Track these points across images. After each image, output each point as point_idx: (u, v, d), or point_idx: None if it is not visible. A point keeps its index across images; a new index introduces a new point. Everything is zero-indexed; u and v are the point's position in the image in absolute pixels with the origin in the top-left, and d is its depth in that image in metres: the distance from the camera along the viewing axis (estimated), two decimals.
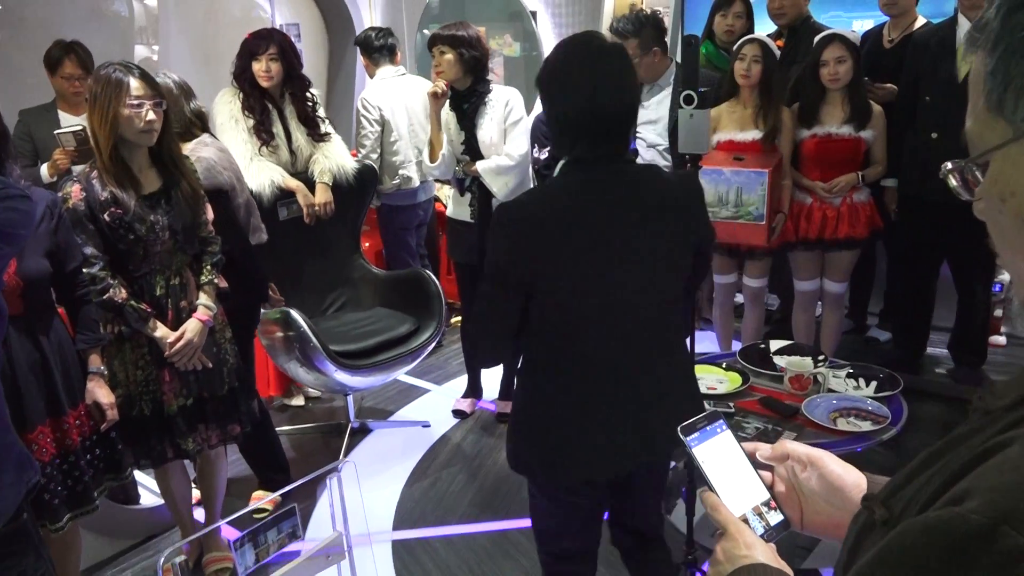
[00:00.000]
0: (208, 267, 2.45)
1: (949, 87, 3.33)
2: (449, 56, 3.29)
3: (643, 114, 3.64)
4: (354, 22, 6.27)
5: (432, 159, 3.39)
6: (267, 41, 3.32)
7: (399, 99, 4.02)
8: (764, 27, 3.97)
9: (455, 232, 3.56)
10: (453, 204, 3.57)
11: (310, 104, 3.47)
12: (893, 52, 3.63)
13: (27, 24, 4.77)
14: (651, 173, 1.83)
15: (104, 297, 2.23)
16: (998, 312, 3.96)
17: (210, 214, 2.47)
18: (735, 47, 3.42)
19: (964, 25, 3.31)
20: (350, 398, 3.62)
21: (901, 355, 3.85)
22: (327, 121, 3.57)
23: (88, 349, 2.17)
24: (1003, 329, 4.06)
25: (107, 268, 2.27)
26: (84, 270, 2.19)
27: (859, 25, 4.09)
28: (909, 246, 3.69)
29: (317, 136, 3.48)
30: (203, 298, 2.42)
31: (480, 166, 3.35)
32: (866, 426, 2.60)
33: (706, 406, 2.20)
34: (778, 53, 3.42)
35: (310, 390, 3.92)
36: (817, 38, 3.37)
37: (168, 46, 5.62)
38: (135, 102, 2.21)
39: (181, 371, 2.38)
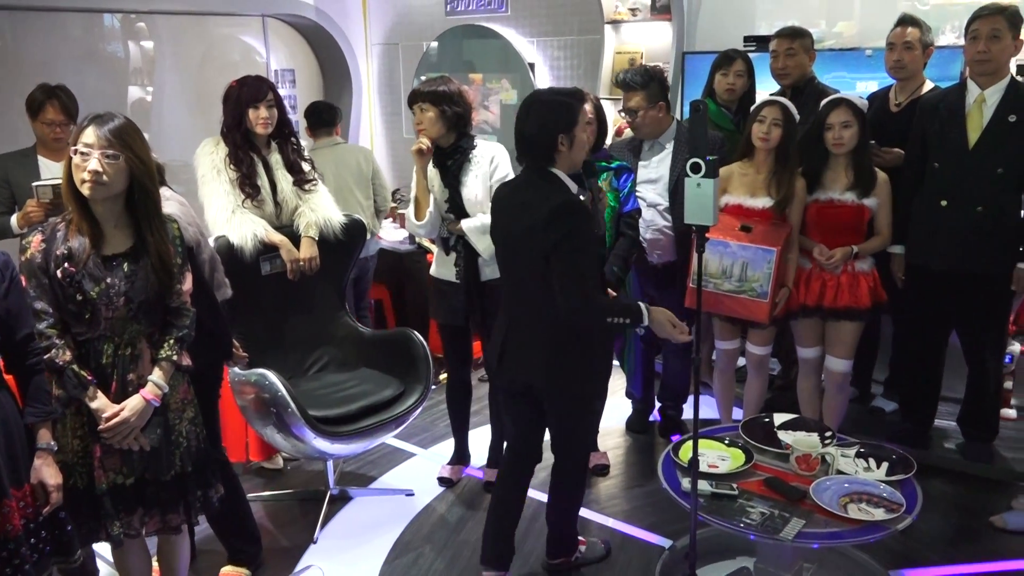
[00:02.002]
0: (171, 341, 2.24)
1: (959, 154, 3.24)
2: (431, 113, 3.17)
3: (643, 173, 3.53)
4: (350, 69, 6.21)
5: (418, 217, 3.25)
6: (264, 87, 3.21)
7: (329, 165, 4.26)
8: (767, 87, 3.89)
9: (439, 292, 3.41)
10: (437, 264, 3.42)
11: (295, 148, 3.35)
12: (900, 116, 3.53)
13: (22, 64, 4.68)
14: (547, 191, 2.48)
15: (46, 356, 2.05)
16: (1008, 384, 3.81)
17: (187, 284, 2.29)
18: (753, 108, 3.31)
19: (973, 91, 3.22)
20: (330, 463, 3.43)
21: (909, 428, 3.70)
22: (314, 169, 3.43)
23: (38, 423, 2.00)
24: (1013, 402, 3.90)
25: (56, 326, 2.11)
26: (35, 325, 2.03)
27: (863, 87, 4.00)
28: (917, 315, 3.55)
29: (303, 182, 3.34)
30: (156, 375, 2.21)
31: (465, 225, 3.22)
32: (879, 513, 2.44)
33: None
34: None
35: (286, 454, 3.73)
36: (824, 101, 3.27)
37: (163, 88, 5.54)
38: (84, 150, 2.06)
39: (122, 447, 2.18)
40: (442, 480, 3.61)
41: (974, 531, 3.19)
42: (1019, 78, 3.25)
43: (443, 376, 3.88)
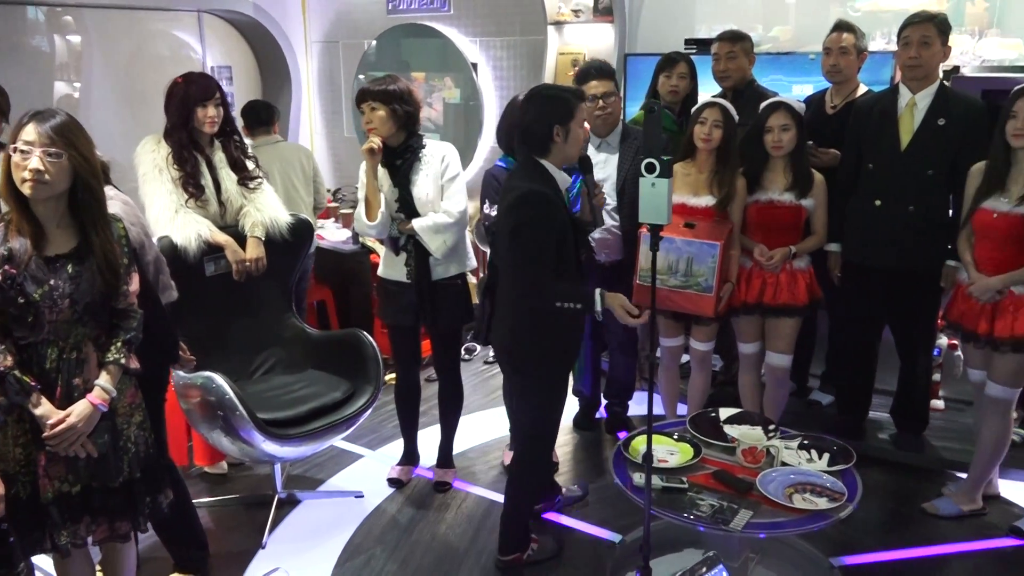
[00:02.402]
0: (119, 344, 2.17)
1: (892, 156, 3.37)
2: (381, 112, 3.16)
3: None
4: (290, 67, 6.12)
5: (370, 218, 3.22)
6: (213, 84, 3.15)
7: (274, 163, 4.27)
8: (708, 89, 3.98)
9: (388, 293, 3.39)
10: (385, 264, 3.40)
11: (238, 146, 3.29)
12: (836, 118, 3.66)
13: None
14: (528, 179, 2.66)
15: None
16: (936, 376, 3.98)
17: (134, 284, 2.23)
18: (694, 110, 3.38)
19: (905, 95, 3.35)
20: (277, 467, 3.38)
21: (844, 420, 3.83)
22: (258, 168, 3.38)
23: None
24: (941, 393, 4.07)
25: None
26: None
27: (799, 90, 4.13)
28: (852, 311, 3.68)
29: (248, 179, 3.28)
30: (103, 379, 2.14)
31: (417, 224, 3.21)
32: (823, 503, 2.53)
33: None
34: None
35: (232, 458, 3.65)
36: (763, 105, 3.36)
37: (91, 85, 5.36)
38: (24, 148, 2.00)
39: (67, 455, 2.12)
40: (392, 481, 3.59)
41: (908, 518, 3.33)
42: (947, 83, 3.40)
43: (390, 377, 3.86)
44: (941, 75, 3.39)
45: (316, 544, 3.17)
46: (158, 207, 3.10)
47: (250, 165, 3.34)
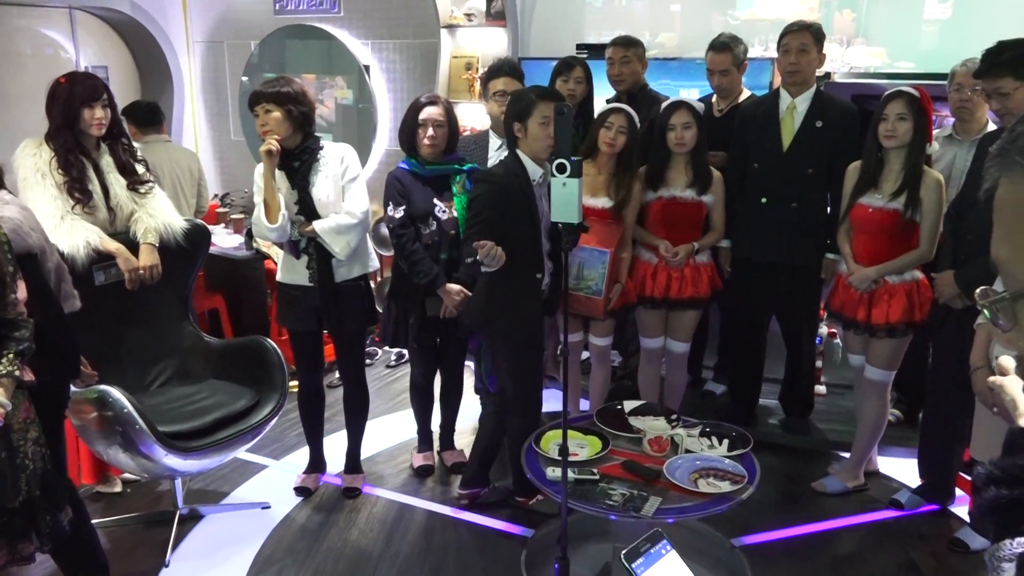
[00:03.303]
0: (10, 356, 2.06)
1: (775, 156, 3.57)
2: (276, 114, 3.10)
3: None
4: (170, 67, 5.90)
5: (271, 220, 3.14)
6: (100, 85, 3.01)
7: (164, 164, 4.24)
8: (602, 93, 4.09)
9: (289, 298, 3.32)
10: (285, 269, 3.33)
11: (126, 149, 3.16)
12: (722, 121, 3.84)
13: None
14: (502, 164, 3.06)
15: None
16: (819, 363, 4.23)
17: (21, 292, 2.11)
18: (600, 114, 3.46)
19: (785, 99, 3.57)
20: (177, 482, 3.26)
21: (737, 408, 4.02)
22: (148, 171, 3.25)
23: None
24: (823, 379, 4.34)
25: None
26: None
27: (686, 94, 4.30)
28: (741, 304, 3.88)
29: (137, 184, 3.16)
30: None
31: (318, 226, 3.16)
32: (726, 486, 2.66)
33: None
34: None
35: (128, 474, 3.49)
36: (664, 104, 3.49)
37: None
38: None
39: None
40: (299, 490, 3.53)
41: (798, 497, 3.53)
42: (822, 87, 3.64)
43: (292, 384, 3.77)
44: (816, 81, 3.62)
45: (223, 559, 3.08)
46: (42, 214, 2.92)
47: (140, 169, 3.21)
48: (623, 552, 0.95)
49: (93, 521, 3.10)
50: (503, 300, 3.03)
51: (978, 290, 0.69)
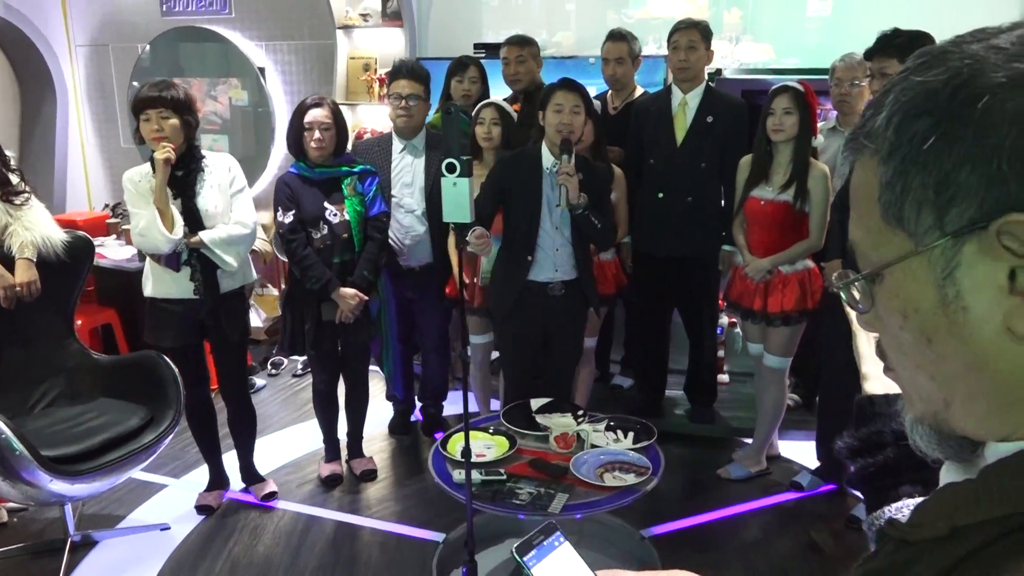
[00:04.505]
0: None
1: (669, 151, 3.64)
2: (175, 121, 2.98)
3: (399, 175, 3.57)
4: (52, 72, 5.62)
5: (170, 231, 2.99)
6: None
7: None
8: (500, 93, 4.09)
9: (166, 313, 3.13)
10: (160, 282, 3.13)
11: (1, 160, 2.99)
12: (618, 118, 3.89)
13: None
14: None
15: None
16: (720, 353, 4.34)
17: None
18: (473, 112, 3.47)
19: (677, 95, 3.63)
20: (68, 507, 3.09)
21: (644, 400, 4.08)
22: (24, 181, 3.08)
23: None
24: (726, 368, 4.45)
25: None
26: None
27: None
28: (644, 298, 3.93)
29: (11, 195, 2.98)
30: None
31: (207, 236, 3.05)
32: (630, 479, 2.68)
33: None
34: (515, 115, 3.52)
35: (12, 503, 3.30)
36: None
37: None
38: None
39: None
40: (200, 508, 3.40)
41: (705, 484, 3.61)
42: (712, 84, 3.72)
43: None
44: (707, 77, 3.70)
45: None
46: None
47: (14, 179, 3.03)
48: (515, 546, 0.93)
49: None
50: (497, 272, 3.28)
51: (834, 273, 0.71)
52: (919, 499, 0.82)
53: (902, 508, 0.82)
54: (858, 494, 3.34)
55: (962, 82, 0.53)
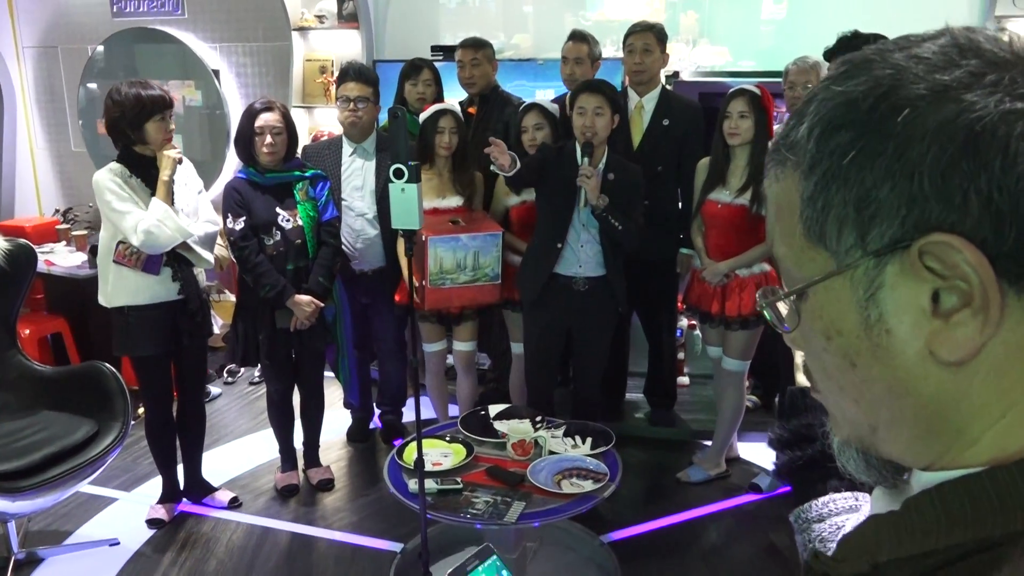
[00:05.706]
0: None
1: (627, 154, 3.61)
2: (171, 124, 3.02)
3: (349, 179, 3.52)
4: None
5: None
6: None
7: None
8: (455, 95, 4.05)
9: (141, 321, 3.06)
10: (134, 290, 3.06)
11: None
12: None
13: None
14: None
15: None
16: (680, 355, 4.34)
17: None
18: (427, 118, 3.42)
19: (633, 98, 3.62)
20: (11, 524, 3.00)
21: (605, 404, 4.06)
22: None
23: None
24: (685, 370, 4.45)
25: None
26: None
27: (542, 94, 4.31)
28: None
29: None
30: None
31: (190, 239, 3.05)
32: (588, 485, 2.66)
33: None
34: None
35: None
36: (522, 107, 3.49)
37: None
38: None
39: None
40: (152, 522, 3.31)
41: (665, 488, 3.60)
42: (669, 87, 3.72)
43: (139, 411, 3.55)
44: (663, 80, 3.69)
45: None
46: None
47: None
48: (447, 573, 0.90)
49: None
50: (527, 258, 3.31)
51: (759, 290, 0.68)
52: (846, 493, 0.81)
53: (828, 503, 0.81)
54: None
55: (882, 93, 0.51)
